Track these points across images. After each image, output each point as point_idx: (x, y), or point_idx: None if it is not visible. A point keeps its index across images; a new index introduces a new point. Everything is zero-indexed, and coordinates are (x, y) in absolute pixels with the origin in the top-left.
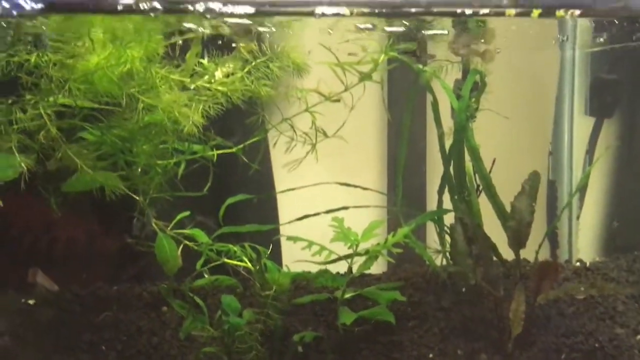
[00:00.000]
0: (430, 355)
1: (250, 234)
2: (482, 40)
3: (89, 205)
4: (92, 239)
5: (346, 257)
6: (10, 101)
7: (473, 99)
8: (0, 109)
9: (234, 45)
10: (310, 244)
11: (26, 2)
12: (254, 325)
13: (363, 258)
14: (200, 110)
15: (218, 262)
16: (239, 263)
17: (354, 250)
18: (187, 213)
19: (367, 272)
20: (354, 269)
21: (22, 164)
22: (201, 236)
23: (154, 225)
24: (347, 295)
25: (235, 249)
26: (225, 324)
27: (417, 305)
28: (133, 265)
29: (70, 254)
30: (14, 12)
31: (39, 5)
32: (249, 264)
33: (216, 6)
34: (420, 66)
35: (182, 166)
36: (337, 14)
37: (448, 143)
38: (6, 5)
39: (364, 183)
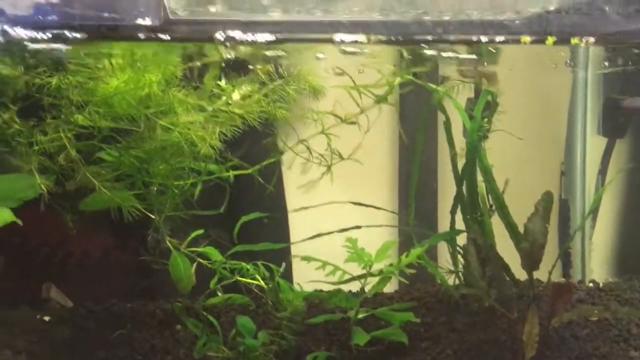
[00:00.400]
0: None
1: (262, 252)
2: (485, 64)
3: (104, 222)
4: (107, 255)
5: (360, 277)
6: (32, 124)
7: (485, 119)
8: (22, 132)
9: (250, 66)
10: (325, 264)
11: (70, 33)
12: (268, 346)
13: (375, 277)
14: (218, 133)
15: (231, 280)
16: (252, 281)
17: (367, 270)
18: (200, 231)
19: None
20: (367, 289)
21: (42, 185)
22: (215, 254)
23: (168, 243)
24: (361, 316)
25: (248, 267)
26: (240, 345)
27: (429, 325)
28: (146, 282)
29: (85, 270)
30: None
31: (81, 35)
32: (262, 283)
33: (237, 35)
34: (433, 86)
35: (199, 187)
36: (355, 41)
37: (460, 163)
38: (49, 35)
39: (375, 202)
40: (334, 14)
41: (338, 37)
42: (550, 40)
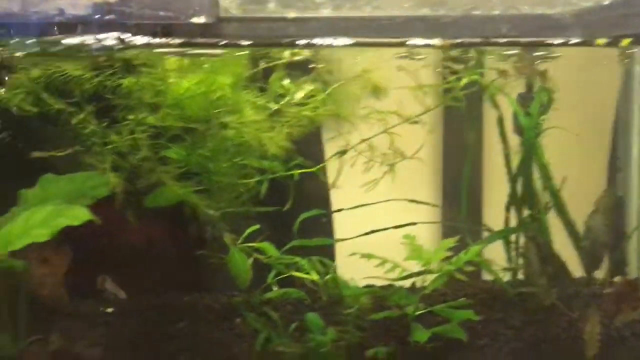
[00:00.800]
0: None
1: (309, 248)
2: (539, 61)
3: (165, 218)
4: (165, 249)
5: (418, 274)
6: (105, 123)
7: (542, 117)
8: (96, 131)
9: (311, 66)
10: (384, 261)
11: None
12: (337, 342)
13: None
14: (284, 133)
15: (285, 275)
16: (307, 276)
17: (426, 268)
18: (256, 226)
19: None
20: (419, 285)
21: (114, 182)
22: (270, 250)
23: (226, 238)
24: (420, 312)
25: (303, 262)
26: (310, 341)
27: (486, 323)
28: (200, 276)
29: (145, 264)
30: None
31: (179, 40)
32: (316, 278)
33: (318, 41)
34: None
35: (265, 185)
36: (427, 45)
37: (513, 160)
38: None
39: (418, 198)
40: (385, 10)
41: (412, 41)
42: (626, 41)
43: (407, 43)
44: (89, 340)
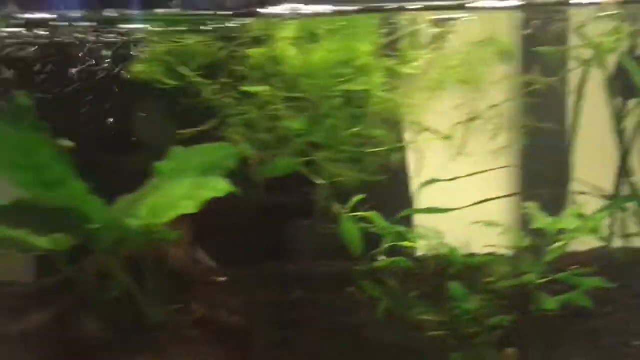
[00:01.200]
0: (637, 343)
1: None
2: None
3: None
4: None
5: (543, 241)
6: (236, 94)
7: None
8: (229, 104)
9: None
10: (506, 229)
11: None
12: (480, 311)
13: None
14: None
15: (390, 245)
16: (413, 244)
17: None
18: (362, 196)
19: None
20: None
21: (249, 154)
22: (378, 219)
23: (335, 208)
24: (544, 280)
25: (410, 232)
26: (454, 309)
27: (607, 290)
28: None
29: (254, 233)
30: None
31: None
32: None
33: (487, 4)
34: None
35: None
36: (594, 3)
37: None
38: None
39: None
40: None
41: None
42: None
43: (571, 2)
44: (225, 308)
